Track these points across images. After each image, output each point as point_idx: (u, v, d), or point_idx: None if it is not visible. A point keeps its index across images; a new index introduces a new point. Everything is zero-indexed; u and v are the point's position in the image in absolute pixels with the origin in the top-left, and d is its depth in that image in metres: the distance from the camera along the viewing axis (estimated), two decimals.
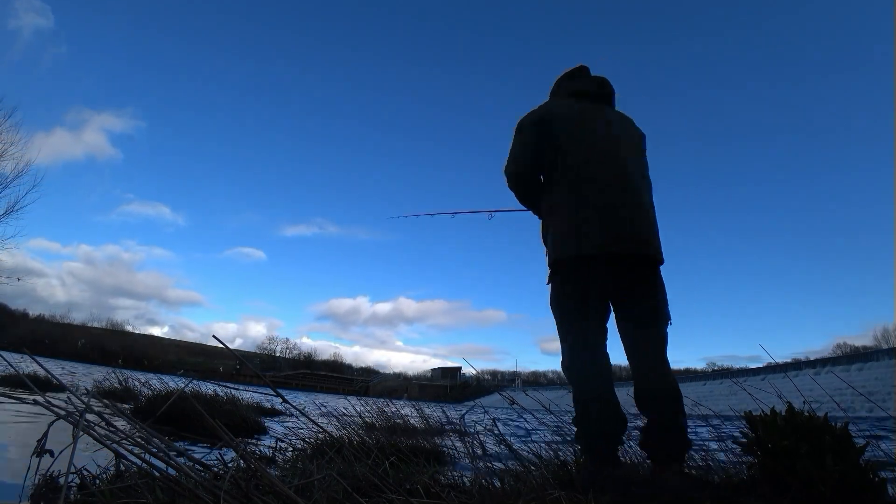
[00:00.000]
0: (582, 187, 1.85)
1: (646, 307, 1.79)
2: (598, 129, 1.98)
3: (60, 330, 57.60)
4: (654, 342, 1.78)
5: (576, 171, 1.88)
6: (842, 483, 1.27)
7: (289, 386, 55.50)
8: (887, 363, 18.85)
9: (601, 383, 1.76)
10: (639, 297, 1.80)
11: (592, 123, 1.99)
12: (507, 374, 73.07)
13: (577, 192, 1.85)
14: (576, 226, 1.81)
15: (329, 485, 1.09)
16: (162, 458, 0.91)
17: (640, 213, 1.82)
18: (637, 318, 1.79)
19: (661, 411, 1.70)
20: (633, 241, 1.77)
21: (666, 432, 1.68)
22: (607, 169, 1.87)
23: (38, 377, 4.46)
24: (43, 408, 0.89)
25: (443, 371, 71.17)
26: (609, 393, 1.74)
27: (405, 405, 3.83)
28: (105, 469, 1.17)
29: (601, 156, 1.89)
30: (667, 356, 1.78)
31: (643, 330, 1.78)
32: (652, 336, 1.78)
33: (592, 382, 1.77)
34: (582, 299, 1.80)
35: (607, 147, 1.93)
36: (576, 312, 1.81)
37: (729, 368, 42.12)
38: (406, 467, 1.61)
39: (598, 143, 1.93)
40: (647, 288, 1.81)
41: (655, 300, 1.80)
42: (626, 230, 1.77)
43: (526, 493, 1.23)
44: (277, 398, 1.23)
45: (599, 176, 1.85)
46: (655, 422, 1.70)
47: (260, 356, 74.65)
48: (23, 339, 40.89)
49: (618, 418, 1.72)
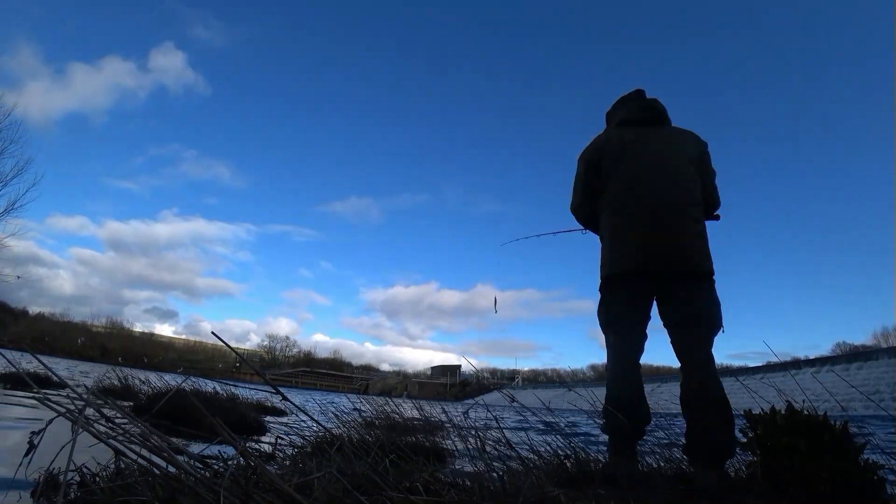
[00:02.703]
0: (620, 216, 2.08)
1: (685, 314, 1.94)
2: (639, 158, 2.13)
3: (60, 327, 57.63)
4: (695, 349, 1.91)
5: (615, 202, 2.12)
6: (841, 481, 1.27)
7: (288, 384, 55.56)
8: (887, 362, 18.86)
9: (625, 386, 1.95)
10: (678, 306, 1.96)
11: (635, 152, 2.15)
12: (506, 372, 73.18)
13: (616, 220, 2.09)
14: (616, 250, 2.05)
15: (329, 482, 1.09)
16: (162, 456, 0.91)
17: (671, 234, 1.97)
18: (677, 326, 1.96)
19: (698, 417, 1.78)
20: (663, 260, 1.94)
21: (701, 438, 1.74)
22: (641, 196, 2.05)
23: (38, 375, 4.48)
24: (43, 405, 0.89)
25: (442, 369, 71.20)
26: (633, 395, 1.93)
27: (405, 403, 3.84)
28: (105, 466, 1.18)
29: (636, 184, 2.08)
30: (711, 363, 1.90)
31: (684, 336, 1.94)
32: (692, 342, 1.92)
33: (617, 383, 1.97)
34: (621, 313, 2.03)
35: (644, 174, 2.09)
36: (612, 324, 2.05)
37: (728, 367, 42.13)
38: (406, 465, 1.62)
39: (636, 172, 2.11)
40: (686, 298, 1.95)
41: (694, 307, 1.93)
42: (655, 252, 1.95)
43: (526, 491, 1.23)
44: (277, 396, 1.23)
45: (632, 205, 2.06)
46: (692, 428, 1.79)
47: (260, 354, 74.69)
48: (23, 337, 40.97)
49: (637, 416, 1.88)
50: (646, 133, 2.21)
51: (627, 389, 1.93)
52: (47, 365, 1.09)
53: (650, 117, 2.26)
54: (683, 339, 1.93)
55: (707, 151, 2.24)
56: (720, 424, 1.74)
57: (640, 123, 2.25)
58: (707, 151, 2.24)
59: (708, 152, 2.24)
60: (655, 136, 2.21)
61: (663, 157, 2.13)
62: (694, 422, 1.79)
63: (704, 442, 1.73)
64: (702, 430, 1.75)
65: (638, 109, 2.28)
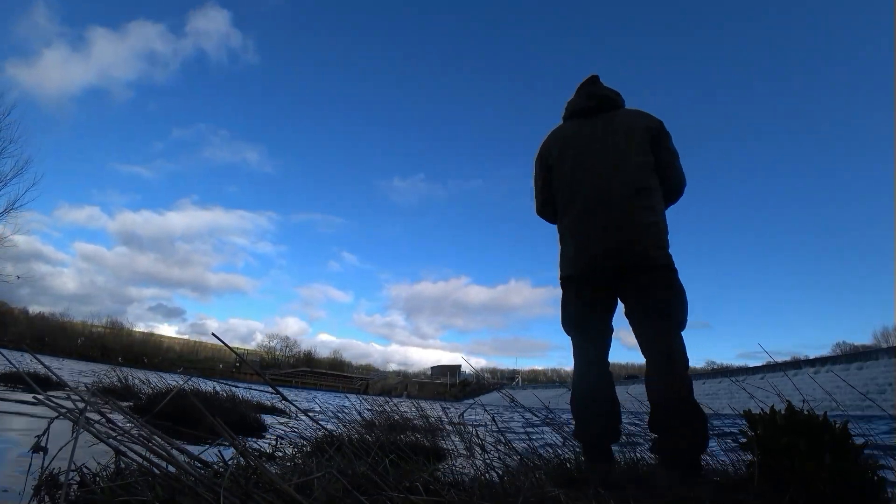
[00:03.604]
0: (566, 214, 2.02)
1: (643, 308, 1.85)
2: (577, 153, 2.05)
3: (60, 327, 57.60)
4: (655, 342, 1.81)
5: (562, 198, 2.06)
6: (841, 481, 1.27)
7: (288, 384, 55.57)
8: (887, 362, 18.84)
9: (591, 387, 1.90)
10: (635, 300, 1.88)
11: (573, 148, 2.07)
12: (507, 371, 73.14)
13: (564, 218, 2.04)
14: (565, 250, 2.01)
15: (329, 482, 1.09)
16: (162, 456, 0.91)
17: (618, 227, 1.87)
18: (636, 320, 1.87)
19: (658, 415, 1.72)
20: (613, 255, 1.85)
21: (666, 434, 1.70)
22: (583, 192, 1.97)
23: (38, 375, 4.48)
24: (43, 405, 0.89)
25: (442, 369, 71.20)
26: (599, 395, 1.87)
27: (405, 402, 3.83)
28: (105, 466, 1.18)
29: (576, 181, 2.01)
30: (674, 356, 1.77)
31: (645, 330, 1.84)
32: (652, 336, 1.82)
33: (582, 387, 1.92)
34: (579, 313, 1.97)
35: (583, 169, 2.01)
36: (572, 325, 1.99)
37: (728, 367, 42.17)
38: (406, 465, 1.62)
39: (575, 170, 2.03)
40: (643, 291, 1.85)
41: (652, 300, 1.84)
42: (604, 249, 1.87)
43: (526, 491, 1.23)
44: (277, 396, 1.23)
45: (576, 203, 1.98)
46: (651, 424, 1.74)
47: (260, 354, 74.62)
48: (22, 337, 40.96)
49: (605, 417, 1.84)
50: (590, 122, 2.09)
51: (593, 390, 1.89)
52: (47, 365, 1.09)
53: (595, 105, 2.12)
54: (644, 333, 1.84)
55: (664, 130, 2.03)
56: (684, 424, 1.66)
57: (584, 113, 2.14)
58: (664, 130, 2.03)
59: (666, 131, 2.04)
60: (600, 123, 2.07)
61: (606, 144, 1.99)
62: (654, 419, 1.73)
63: (669, 441, 1.68)
64: (661, 428, 1.70)
65: (581, 98, 2.18)
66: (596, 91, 2.16)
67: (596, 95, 2.14)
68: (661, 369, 1.77)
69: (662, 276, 1.85)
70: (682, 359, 1.77)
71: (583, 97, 2.17)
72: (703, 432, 1.69)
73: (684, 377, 1.74)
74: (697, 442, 1.67)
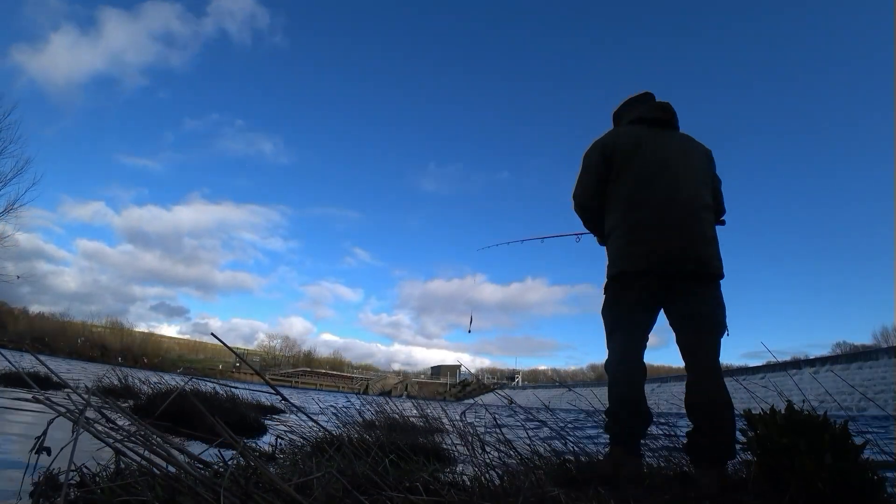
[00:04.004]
0: (633, 213, 2.04)
1: (694, 316, 1.93)
2: (655, 156, 2.10)
3: (60, 327, 57.58)
4: (703, 350, 1.91)
5: (629, 198, 2.07)
6: (841, 481, 1.27)
7: (288, 384, 55.54)
8: (887, 362, 18.84)
9: (630, 386, 1.94)
10: (687, 307, 1.95)
11: (650, 150, 2.12)
12: (507, 371, 73.14)
13: (630, 217, 2.04)
14: (626, 248, 2.01)
15: (329, 482, 1.09)
16: (162, 456, 0.91)
17: (686, 234, 1.95)
18: (685, 327, 1.95)
19: (704, 419, 1.79)
20: (678, 260, 1.92)
21: (706, 439, 1.75)
22: (658, 194, 2.02)
23: (38, 374, 4.48)
24: (43, 405, 0.89)
25: (442, 369, 71.20)
26: (636, 395, 1.93)
27: (404, 402, 3.83)
28: (105, 466, 1.17)
29: (653, 181, 2.05)
30: (717, 364, 1.90)
31: (692, 338, 1.93)
32: (700, 344, 1.91)
33: (622, 384, 1.96)
34: (627, 312, 2.01)
35: (660, 172, 2.06)
36: (619, 323, 2.03)
37: (729, 367, 42.13)
38: (406, 465, 1.62)
39: (652, 169, 2.08)
40: (696, 299, 1.94)
41: (703, 309, 1.93)
42: (671, 252, 1.93)
43: (526, 491, 1.23)
44: (277, 396, 1.23)
45: (649, 202, 2.02)
46: (697, 429, 1.80)
47: (260, 354, 74.66)
48: (22, 337, 40.99)
49: (641, 417, 1.91)
50: (660, 133, 2.20)
51: (633, 390, 1.93)
52: (47, 365, 1.09)
53: (664, 118, 2.25)
54: (691, 341, 1.92)
55: (713, 159, 2.26)
56: (725, 426, 1.74)
57: (653, 123, 2.23)
58: (713, 159, 2.26)
59: (713, 160, 2.26)
60: (669, 137, 2.20)
61: (679, 158, 2.11)
62: (699, 423, 1.79)
63: (709, 443, 1.73)
64: (707, 432, 1.75)
65: (653, 109, 2.27)
66: (669, 107, 2.28)
67: (670, 110, 2.27)
68: (707, 378, 1.87)
69: (714, 289, 1.97)
70: (720, 369, 1.91)
71: (657, 108, 2.27)
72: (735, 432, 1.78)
73: (723, 381, 1.86)
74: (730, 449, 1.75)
